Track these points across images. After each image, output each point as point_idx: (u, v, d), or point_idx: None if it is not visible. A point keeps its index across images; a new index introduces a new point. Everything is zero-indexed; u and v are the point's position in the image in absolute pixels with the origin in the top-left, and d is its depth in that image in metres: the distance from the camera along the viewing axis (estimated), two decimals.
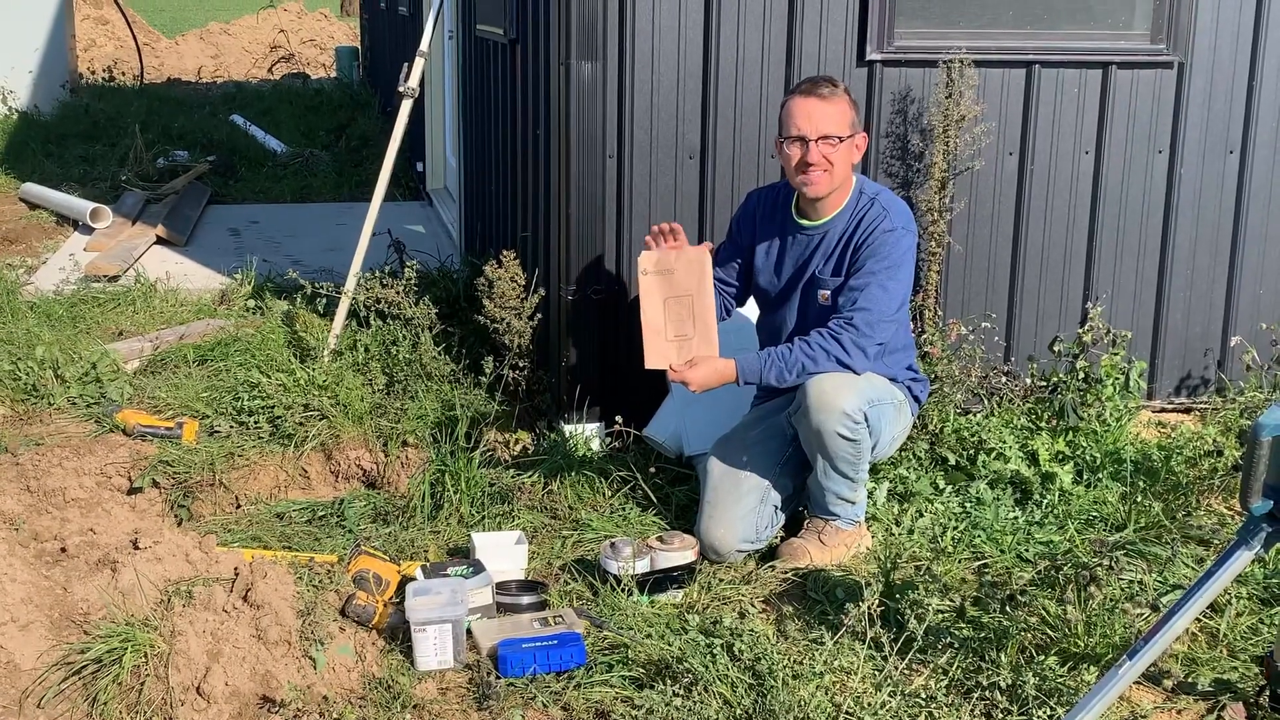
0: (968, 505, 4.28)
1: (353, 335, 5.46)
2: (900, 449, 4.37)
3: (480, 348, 5.13)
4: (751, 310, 4.40)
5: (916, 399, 4.16)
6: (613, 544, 3.79)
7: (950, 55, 4.63)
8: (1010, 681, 3.21)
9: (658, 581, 3.73)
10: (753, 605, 3.71)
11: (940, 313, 4.89)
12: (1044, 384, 4.77)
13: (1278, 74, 5.01)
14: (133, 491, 4.43)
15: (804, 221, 4.05)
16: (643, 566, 3.72)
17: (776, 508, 4.05)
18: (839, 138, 3.88)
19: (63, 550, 3.73)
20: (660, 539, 3.82)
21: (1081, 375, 4.69)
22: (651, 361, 3.93)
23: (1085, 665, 3.32)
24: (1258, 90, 5.01)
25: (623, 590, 3.68)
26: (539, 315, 4.80)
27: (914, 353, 4.24)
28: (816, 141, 3.87)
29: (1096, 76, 4.90)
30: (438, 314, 5.26)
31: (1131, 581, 3.67)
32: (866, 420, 3.84)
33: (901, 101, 4.79)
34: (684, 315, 3.91)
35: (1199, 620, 3.54)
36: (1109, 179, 4.98)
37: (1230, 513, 4.32)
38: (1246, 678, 3.33)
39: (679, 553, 3.77)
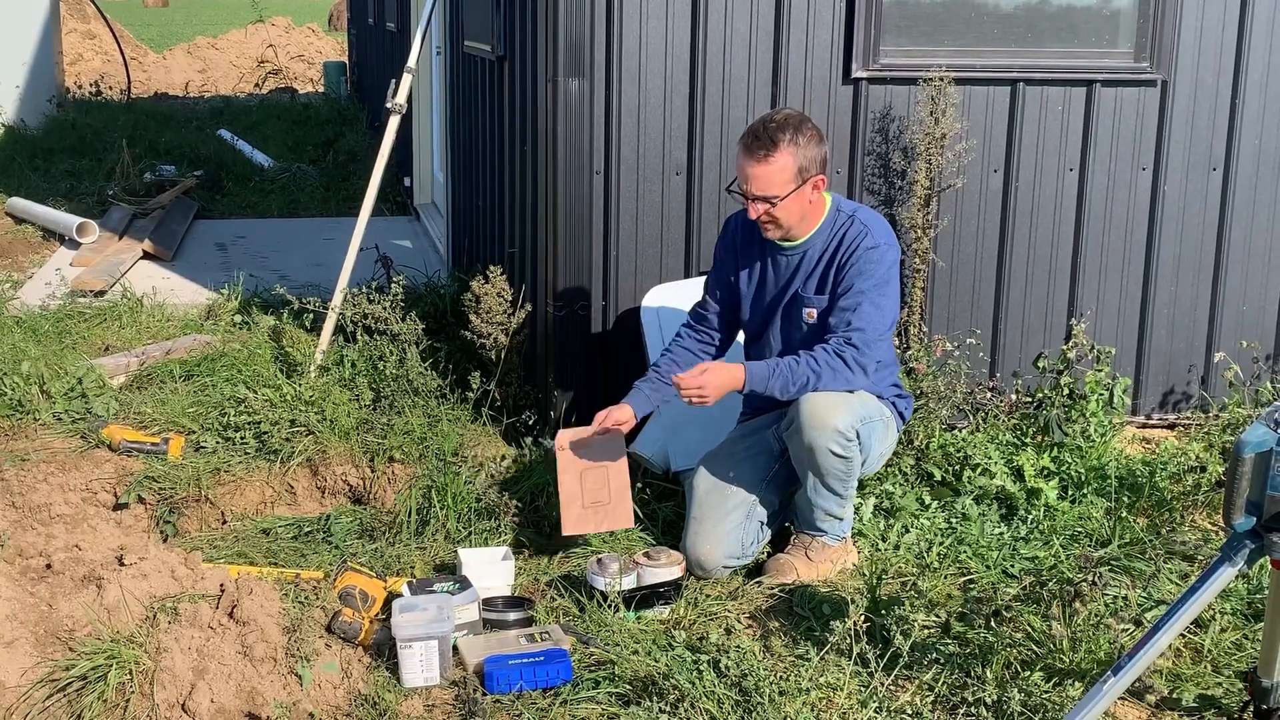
0: (953, 521, 4.29)
1: (339, 351, 5.45)
2: (887, 465, 4.38)
3: (467, 363, 5.13)
4: None
5: (901, 415, 4.18)
6: (599, 560, 3.79)
7: (934, 73, 4.66)
8: (996, 697, 3.21)
9: (644, 597, 3.73)
10: (739, 621, 3.71)
11: (925, 329, 4.91)
12: (1029, 400, 4.79)
13: (1260, 91, 5.05)
14: (118, 507, 4.42)
15: (782, 242, 4.03)
16: (629, 582, 3.72)
17: (762, 523, 4.05)
18: (778, 197, 3.84)
19: (48, 566, 3.72)
20: (647, 555, 3.82)
21: (1066, 391, 4.70)
22: (568, 528, 4.00)
23: (1070, 681, 3.33)
24: (1240, 108, 5.04)
25: (609, 606, 3.68)
26: (525, 331, 4.81)
27: (898, 369, 4.26)
28: (754, 201, 3.86)
29: (1081, 94, 4.93)
30: (425, 329, 5.26)
31: (1116, 597, 3.68)
32: (858, 437, 3.86)
33: (886, 119, 4.81)
34: (600, 483, 4.00)
35: (1183, 636, 3.55)
36: (1093, 196, 5.01)
37: (1214, 528, 4.34)
38: (1231, 693, 3.34)
39: (666, 569, 3.78)
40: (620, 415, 4.07)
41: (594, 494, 3.99)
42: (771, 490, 4.07)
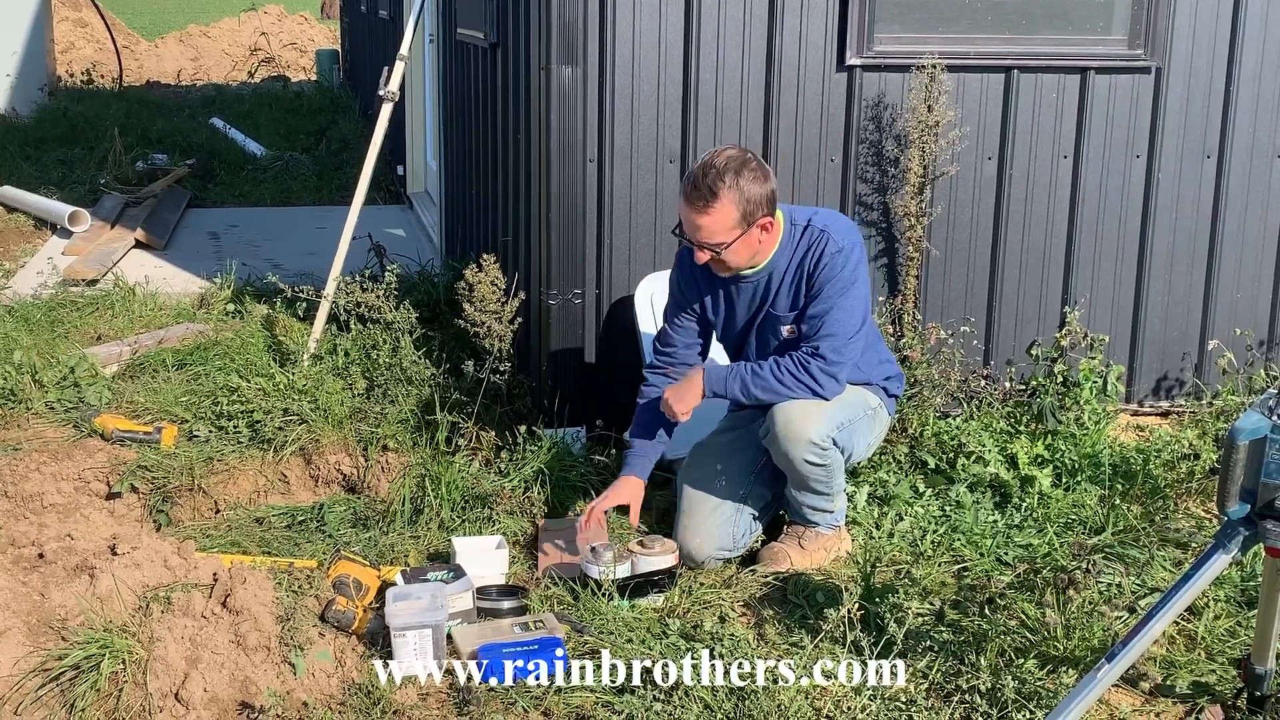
0: (947, 509, 4.29)
1: (333, 339, 5.44)
2: (880, 453, 4.38)
3: (461, 352, 5.13)
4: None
5: (893, 395, 4.14)
6: (594, 548, 3.78)
7: (928, 60, 4.65)
8: (990, 685, 3.22)
9: (638, 586, 3.73)
10: (733, 609, 3.71)
11: (919, 317, 4.91)
12: (1023, 388, 4.80)
13: (1254, 79, 5.04)
14: (111, 497, 4.41)
15: (744, 270, 3.90)
16: (623, 571, 3.72)
17: (754, 516, 4.04)
18: (723, 245, 3.73)
19: (40, 556, 3.71)
20: (641, 543, 3.82)
21: (1060, 379, 4.71)
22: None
23: (1064, 668, 3.34)
24: (1234, 95, 5.04)
25: (603, 595, 3.68)
26: (519, 319, 4.79)
27: (883, 343, 4.20)
28: (700, 249, 3.77)
29: (1075, 82, 4.92)
30: (418, 318, 5.24)
31: (1110, 584, 3.69)
32: (835, 444, 3.82)
33: (880, 107, 4.80)
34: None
35: (1177, 623, 3.55)
36: (1087, 183, 5.01)
37: (1207, 516, 4.35)
38: (1224, 680, 3.35)
39: (660, 557, 3.78)
40: (627, 493, 4.00)
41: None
42: (760, 483, 4.05)
